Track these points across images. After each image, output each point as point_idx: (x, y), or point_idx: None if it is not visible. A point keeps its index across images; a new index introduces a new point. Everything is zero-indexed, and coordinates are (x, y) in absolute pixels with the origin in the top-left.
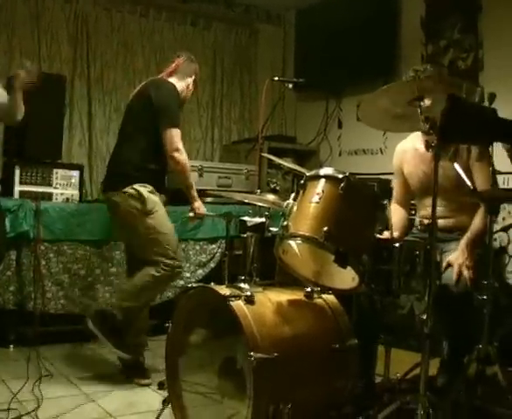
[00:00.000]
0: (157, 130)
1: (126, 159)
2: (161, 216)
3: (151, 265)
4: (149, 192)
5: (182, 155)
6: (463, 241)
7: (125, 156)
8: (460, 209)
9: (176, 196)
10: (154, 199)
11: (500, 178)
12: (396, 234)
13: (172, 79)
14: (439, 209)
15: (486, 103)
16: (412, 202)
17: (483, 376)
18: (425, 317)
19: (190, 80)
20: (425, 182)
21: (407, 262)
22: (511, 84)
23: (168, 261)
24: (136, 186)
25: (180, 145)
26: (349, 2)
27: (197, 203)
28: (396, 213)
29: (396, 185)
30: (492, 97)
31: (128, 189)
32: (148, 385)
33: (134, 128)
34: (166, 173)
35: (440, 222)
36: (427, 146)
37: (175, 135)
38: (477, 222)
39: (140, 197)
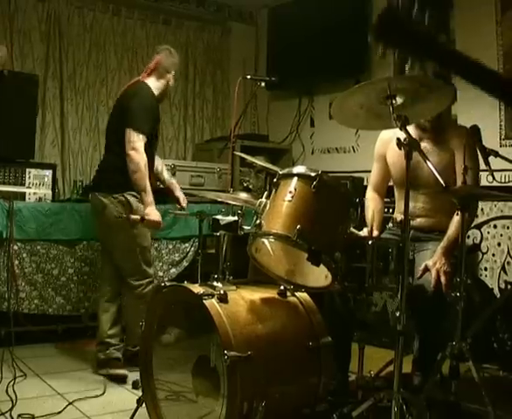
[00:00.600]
0: None
1: (114, 165)
2: (144, 228)
3: (126, 288)
4: (137, 201)
5: (138, 155)
6: (440, 247)
7: (113, 163)
8: (441, 209)
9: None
10: (141, 209)
11: None
12: (376, 233)
13: (150, 80)
14: (421, 207)
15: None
16: (386, 199)
17: (457, 373)
18: (398, 314)
19: (169, 76)
20: (409, 175)
21: (380, 259)
22: None
23: (138, 284)
24: (126, 194)
25: (138, 145)
26: (322, 0)
27: (149, 209)
28: (373, 203)
29: (375, 172)
30: (476, 130)
31: (119, 196)
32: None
33: (115, 135)
34: None
35: (421, 220)
36: (399, 144)
37: (134, 136)
38: (454, 227)
39: (129, 206)
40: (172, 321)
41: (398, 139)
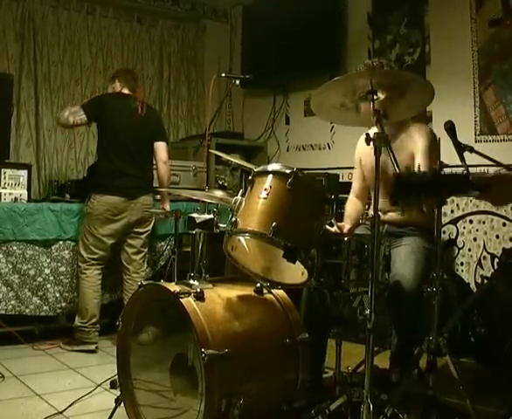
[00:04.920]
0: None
1: (152, 173)
2: None
3: (136, 270)
4: None
5: None
6: None
7: (152, 171)
8: None
9: None
10: None
11: (447, 171)
12: (347, 226)
13: None
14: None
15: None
16: None
17: (434, 367)
18: (367, 312)
19: None
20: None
21: (356, 255)
22: (458, 77)
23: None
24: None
25: None
26: None
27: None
28: (350, 204)
29: (354, 177)
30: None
31: (150, 196)
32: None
33: (148, 149)
34: None
35: (392, 214)
36: (368, 139)
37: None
38: None
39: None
40: (149, 320)
41: (367, 134)
